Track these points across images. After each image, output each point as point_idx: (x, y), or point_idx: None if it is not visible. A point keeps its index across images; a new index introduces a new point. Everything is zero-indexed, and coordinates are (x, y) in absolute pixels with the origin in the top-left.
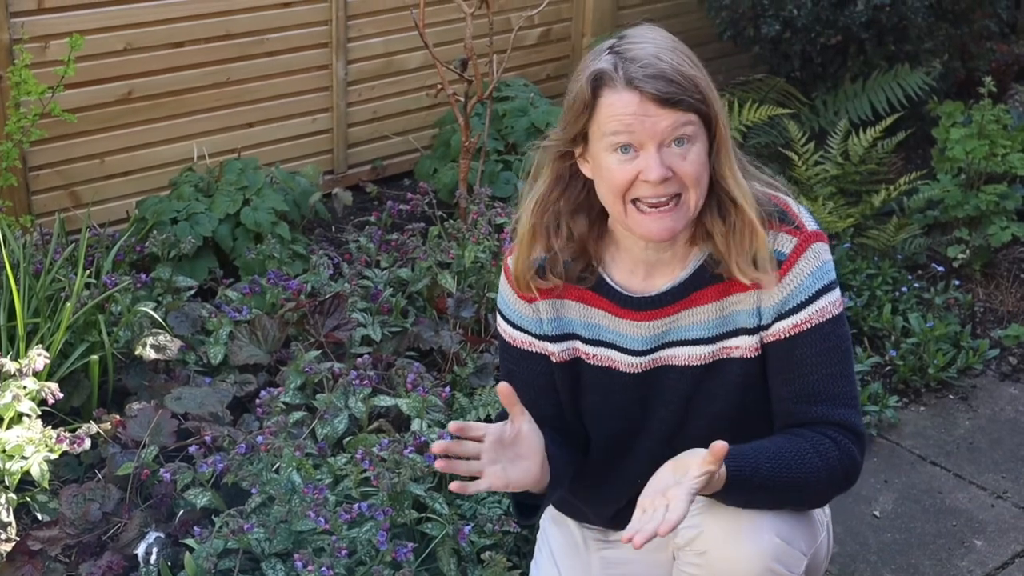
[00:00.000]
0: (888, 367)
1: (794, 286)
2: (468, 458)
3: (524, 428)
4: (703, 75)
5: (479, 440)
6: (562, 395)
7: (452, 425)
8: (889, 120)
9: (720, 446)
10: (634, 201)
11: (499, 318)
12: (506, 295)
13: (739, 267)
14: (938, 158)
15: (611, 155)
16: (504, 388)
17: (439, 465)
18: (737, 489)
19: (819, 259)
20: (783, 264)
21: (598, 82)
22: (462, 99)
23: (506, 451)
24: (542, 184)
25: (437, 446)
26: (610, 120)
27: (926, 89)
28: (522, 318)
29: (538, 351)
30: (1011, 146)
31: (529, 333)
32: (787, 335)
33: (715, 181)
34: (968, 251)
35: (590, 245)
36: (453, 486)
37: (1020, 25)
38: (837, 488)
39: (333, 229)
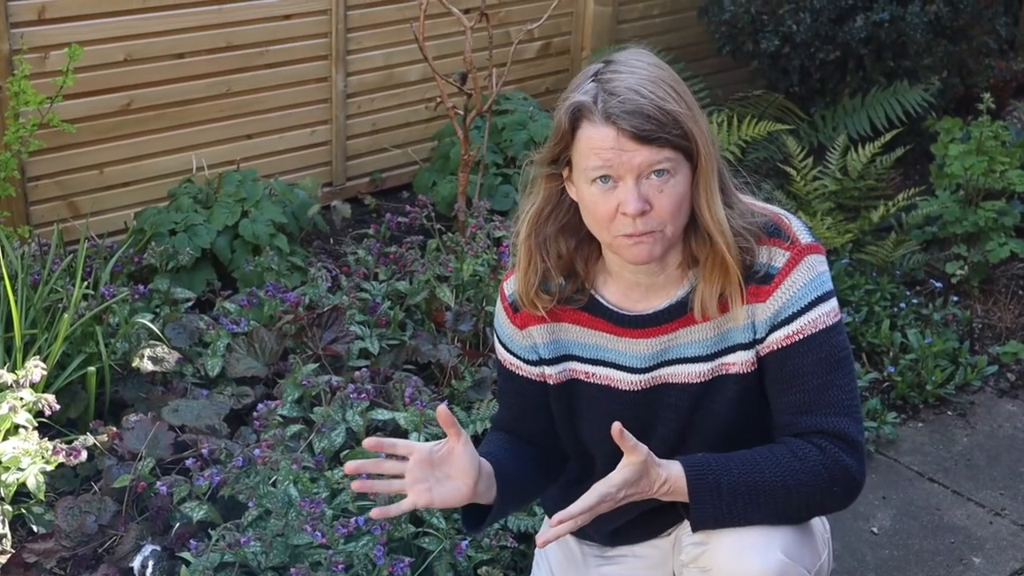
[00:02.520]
0: (886, 383)
1: (787, 298)
2: (391, 477)
3: (458, 449)
4: (686, 108)
5: (404, 459)
6: (557, 415)
7: (368, 441)
8: (888, 136)
9: (615, 427)
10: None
11: (495, 337)
12: (500, 319)
13: (702, 300)
14: (936, 174)
15: (592, 186)
16: (442, 411)
17: (355, 486)
18: (706, 496)
19: (813, 271)
20: (775, 277)
21: (577, 114)
22: (461, 112)
23: (435, 470)
24: (535, 200)
25: (350, 466)
26: (589, 152)
27: (925, 105)
28: (513, 342)
29: (525, 375)
30: (1009, 162)
31: (518, 357)
32: (780, 346)
33: (694, 212)
34: (966, 267)
35: (579, 265)
36: (373, 513)
37: (1018, 42)
38: (827, 495)
39: (331, 241)
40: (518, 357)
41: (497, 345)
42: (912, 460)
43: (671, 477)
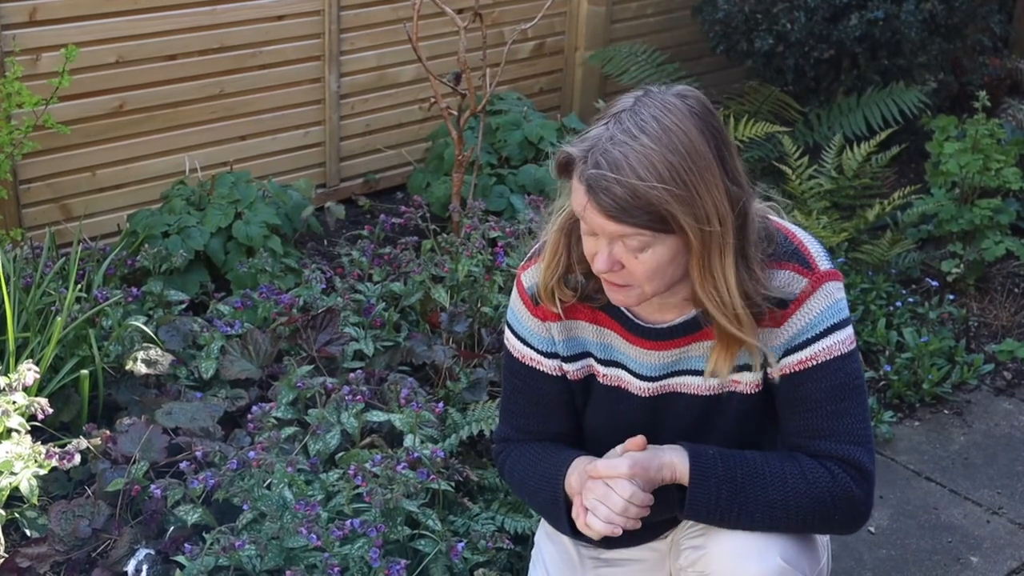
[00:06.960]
0: (883, 382)
1: (802, 324)
2: None
3: None
4: (678, 188)
5: None
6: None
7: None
8: (883, 135)
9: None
10: None
11: (508, 333)
12: (518, 311)
13: (716, 365)
14: (932, 172)
15: (582, 222)
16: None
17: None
18: (702, 484)
19: (830, 298)
20: (792, 304)
21: (566, 163)
22: (455, 112)
23: None
24: (565, 200)
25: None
26: (573, 201)
27: (920, 105)
28: (533, 335)
29: (545, 369)
30: (1005, 160)
31: (538, 351)
32: (793, 370)
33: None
34: (962, 265)
35: None
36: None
37: (1013, 39)
38: (825, 522)
39: (325, 243)
40: (538, 351)
41: (512, 341)
42: (909, 459)
43: (675, 457)
